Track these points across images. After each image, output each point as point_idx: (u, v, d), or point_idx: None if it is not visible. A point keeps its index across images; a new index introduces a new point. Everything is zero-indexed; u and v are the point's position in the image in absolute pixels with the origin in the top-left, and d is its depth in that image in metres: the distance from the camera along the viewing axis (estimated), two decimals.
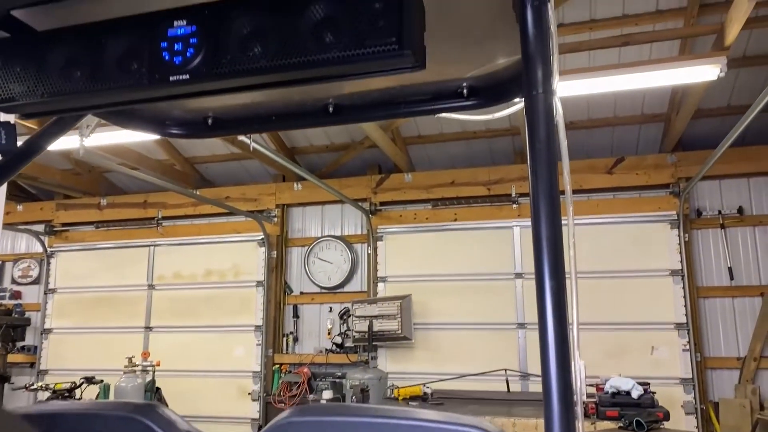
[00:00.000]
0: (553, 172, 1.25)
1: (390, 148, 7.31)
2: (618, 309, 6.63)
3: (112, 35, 1.30)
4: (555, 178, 1.24)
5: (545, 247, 1.17)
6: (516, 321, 7.00)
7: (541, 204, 1.20)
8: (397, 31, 1.11)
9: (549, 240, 1.17)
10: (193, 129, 2.12)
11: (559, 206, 1.19)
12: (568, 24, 5.77)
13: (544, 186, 1.23)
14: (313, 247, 8.01)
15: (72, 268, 8.93)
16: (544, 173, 1.23)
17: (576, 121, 7.05)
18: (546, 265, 1.15)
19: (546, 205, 1.21)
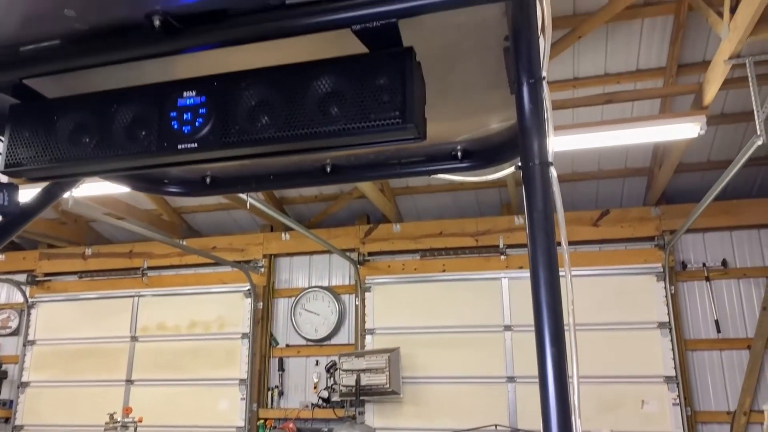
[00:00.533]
0: (551, 239, 1.28)
1: (379, 199, 7.37)
2: (607, 362, 6.61)
3: (121, 103, 1.34)
4: (553, 245, 1.28)
5: (545, 315, 1.19)
6: (505, 374, 6.93)
7: (540, 271, 1.23)
8: (401, 105, 1.16)
9: (549, 306, 1.19)
10: (192, 188, 2.14)
11: (557, 274, 1.22)
12: (552, 81, 5.96)
13: (543, 253, 1.27)
14: (300, 298, 7.94)
15: (53, 319, 8.75)
16: (542, 241, 1.26)
17: (561, 175, 7.13)
18: (546, 332, 1.17)
19: (545, 272, 1.24)
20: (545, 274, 1.28)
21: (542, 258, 1.28)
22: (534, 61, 1.21)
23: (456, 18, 1.28)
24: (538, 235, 1.27)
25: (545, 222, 1.27)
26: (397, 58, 1.17)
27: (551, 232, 1.29)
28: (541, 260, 1.28)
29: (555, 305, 1.20)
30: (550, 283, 1.27)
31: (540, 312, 1.19)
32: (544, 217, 1.25)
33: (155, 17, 1.19)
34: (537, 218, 1.24)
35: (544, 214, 1.24)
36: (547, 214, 1.25)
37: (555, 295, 1.21)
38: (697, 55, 5.61)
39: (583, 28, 5.12)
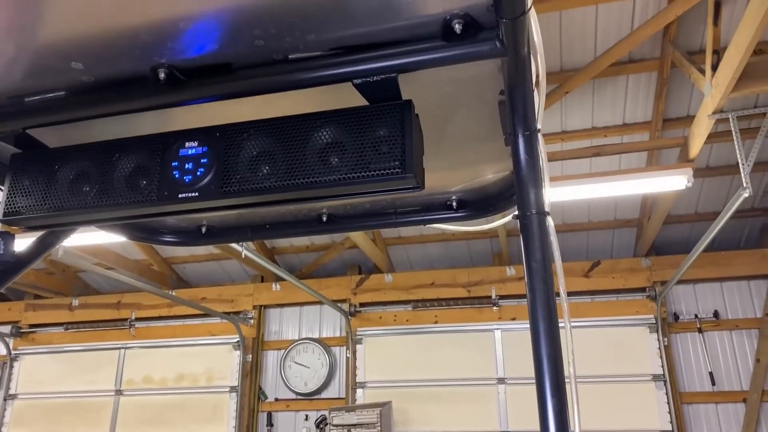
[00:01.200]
0: (550, 289, 1.29)
1: (370, 249, 7.36)
2: (602, 416, 6.50)
3: (123, 153, 1.35)
4: (552, 295, 1.28)
5: (546, 366, 1.19)
6: (500, 429, 6.79)
7: (540, 322, 1.23)
8: (401, 156, 1.18)
9: (549, 357, 1.18)
10: (188, 237, 2.14)
11: (557, 324, 1.22)
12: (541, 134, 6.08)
13: (543, 304, 1.27)
14: (290, 351, 7.82)
15: (36, 373, 8.53)
16: (541, 291, 1.26)
17: None
18: (547, 383, 1.16)
19: (545, 323, 1.24)
20: (545, 325, 1.28)
21: (542, 308, 1.28)
22: (529, 113, 1.25)
23: (453, 72, 1.32)
24: (537, 286, 1.28)
25: (544, 272, 1.28)
26: (396, 110, 1.20)
27: (550, 282, 1.30)
28: (541, 311, 1.28)
29: (555, 356, 1.19)
30: (550, 333, 1.27)
31: (540, 363, 1.18)
32: (543, 267, 1.26)
33: (161, 70, 1.22)
34: (536, 268, 1.25)
35: (542, 264, 1.25)
36: (546, 263, 1.26)
37: (555, 345, 1.20)
38: (681, 109, 5.77)
39: (570, 83, 5.27)
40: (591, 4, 4.91)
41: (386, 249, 7.87)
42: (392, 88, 1.21)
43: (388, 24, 1.15)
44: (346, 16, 1.13)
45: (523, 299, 7.23)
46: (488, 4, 1.09)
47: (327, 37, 1.18)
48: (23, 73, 1.24)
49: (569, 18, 5.05)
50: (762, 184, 6.51)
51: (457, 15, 1.13)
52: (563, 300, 1.68)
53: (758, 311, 6.63)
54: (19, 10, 1.06)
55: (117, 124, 1.37)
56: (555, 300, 1.31)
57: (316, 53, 1.21)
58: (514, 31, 1.07)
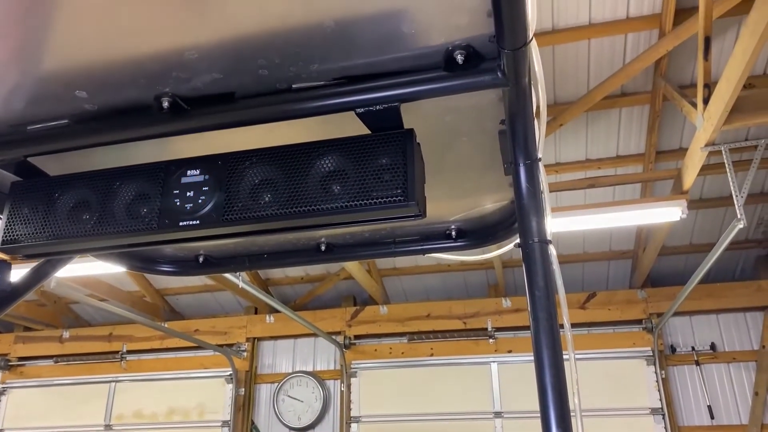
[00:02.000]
0: (554, 318, 1.28)
1: (365, 280, 7.33)
2: None
3: (124, 181, 1.35)
4: (555, 324, 1.27)
5: (550, 396, 1.17)
6: None
7: (544, 352, 1.21)
8: (402, 184, 1.18)
9: (554, 388, 1.17)
10: (185, 267, 2.13)
11: (561, 353, 1.21)
12: None
13: (546, 333, 1.26)
14: (284, 384, 7.69)
15: (24, 407, 8.35)
16: (545, 321, 1.26)
17: None
18: (552, 415, 1.15)
19: (549, 352, 1.23)
20: (549, 354, 1.27)
21: (545, 338, 1.27)
22: (530, 143, 1.26)
23: (454, 102, 1.34)
24: (540, 315, 1.27)
25: (547, 300, 1.27)
26: (398, 139, 1.21)
27: (553, 310, 1.29)
28: (545, 340, 1.27)
29: (560, 386, 1.18)
30: (554, 363, 1.25)
31: (545, 393, 1.16)
32: (546, 295, 1.26)
33: (164, 99, 1.22)
34: (539, 297, 1.24)
35: (545, 292, 1.25)
36: (549, 292, 1.25)
37: (559, 375, 1.19)
38: (673, 142, 5.84)
39: (565, 116, 5.34)
40: (584, 38, 5.01)
41: (381, 280, 7.83)
42: (394, 117, 1.22)
43: (391, 54, 1.16)
44: (349, 46, 1.14)
45: (519, 331, 7.18)
46: (490, 36, 1.11)
47: (330, 67, 1.20)
48: (26, 101, 1.24)
49: (562, 52, 5.14)
50: (756, 216, 6.56)
51: (459, 46, 1.15)
52: (567, 331, 1.67)
53: (755, 343, 6.61)
54: (24, 37, 1.07)
55: (120, 153, 1.37)
56: (558, 329, 1.30)
57: (319, 83, 1.23)
58: (515, 62, 1.09)
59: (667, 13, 4.69)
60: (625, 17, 4.87)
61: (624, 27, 4.90)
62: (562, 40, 5.00)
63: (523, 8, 0.96)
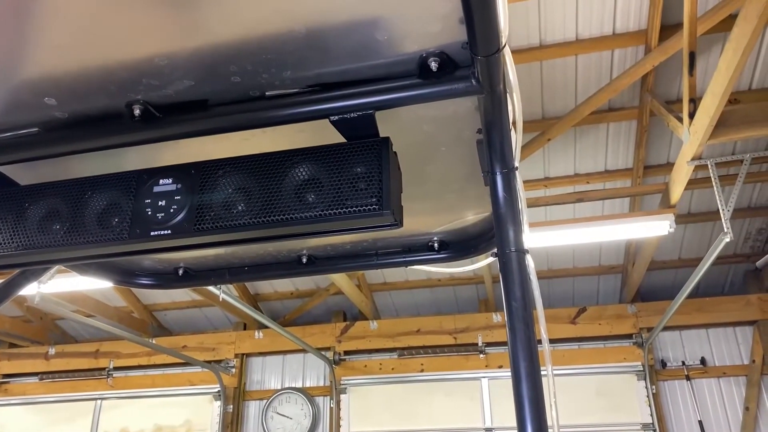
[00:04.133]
0: (531, 329, 1.26)
1: (355, 295, 7.28)
2: None
3: (96, 190, 1.33)
4: (532, 334, 1.25)
5: (527, 406, 1.15)
6: None
7: (521, 363, 1.19)
8: (377, 193, 1.17)
9: (531, 400, 1.15)
10: (164, 280, 2.09)
11: (538, 364, 1.19)
12: (525, 181, 6.14)
13: (523, 344, 1.24)
14: (272, 401, 7.60)
15: (8, 425, 8.20)
16: (522, 331, 1.24)
17: (537, 272, 7.21)
18: (529, 427, 1.12)
19: (526, 364, 1.21)
20: (526, 365, 1.25)
21: (522, 349, 1.25)
22: (507, 151, 1.25)
23: (431, 111, 1.33)
24: (517, 325, 1.25)
25: (524, 311, 1.25)
26: (374, 147, 1.20)
27: (530, 321, 1.27)
28: (522, 351, 1.25)
29: (537, 398, 1.15)
30: (531, 374, 1.23)
31: (522, 407, 1.14)
32: (523, 306, 1.24)
33: (136, 106, 1.21)
34: (516, 307, 1.23)
35: (522, 302, 1.23)
36: (526, 302, 1.24)
37: (537, 387, 1.17)
38: (661, 157, 5.87)
39: (553, 131, 5.36)
40: (571, 54, 5.05)
41: (371, 295, 7.79)
42: (370, 126, 1.21)
43: (365, 62, 1.15)
44: (322, 53, 1.13)
45: None
46: (463, 43, 1.11)
47: (304, 75, 1.19)
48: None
49: (550, 67, 5.18)
50: (743, 230, 6.58)
51: (433, 53, 1.14)
52: (545, 345, 1.64)
53: (745, 358, 6.60)
54: None
55: (93, 162, 1.35)
56: (536, 340, 1.28)
57: (293, 90, 1.21)
58: (489, 69, 1.08)
59: (653, 29, 4.74)
60: (611, 33, 4.92)
61: (611, 43, 4.95)
62: (549, 55, 5.04)
63: (494, 14, 0.96)
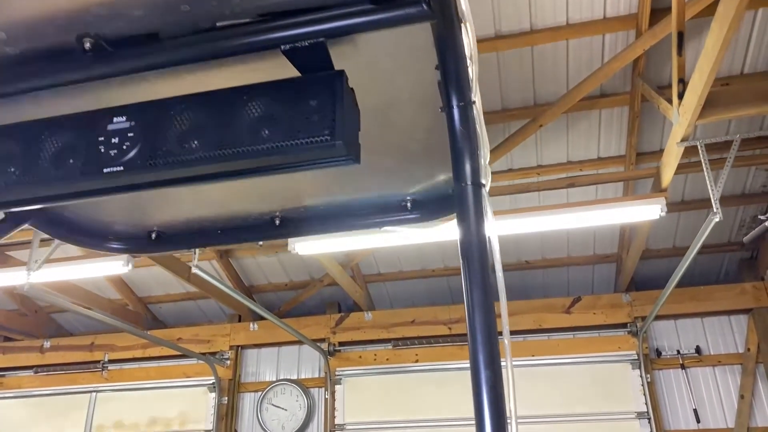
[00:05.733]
0: (486, 271, 1.23)
1: (350, 286, 7.27)
2: None
3: (50, 132, 1.32)
4: (488, 277, 1.22)
5: (483, 380, 1.08)
6: None
7: (475, 310, 1.16)
8: (330, 124, 1.15)
9: (487, 365, 1.09)
10: (136, 244, 2.08)
11: (493, 314, 1.15)
12: (517, 169, 6.13)
13: (478, 284, 1.21)
14: (267, 392, 7.58)
15: (4, 419, 8.19)
16: (476, 269, 1.21)
17: (532, 261, 7.22)
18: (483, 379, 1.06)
19: (480, 310, 1.17)
20: (481, 314, 1.20)
21: (477, 292, 1.21)
22: (463, 83, 1.23)
23: (388, 46, 1.31)
24: (473, 266, 1.21)
25: (480, 252, 1.22)
26: (326, 80, 1.18)
27: (486, 262, 1.23)
28: (476, 295, 1.21)
29: (494, 367, 1.08)
30: (488, 332, 1.17)
31: (478, 380, 1.07)
32: (478, 244, 1.21)
33: (86, 39, 1.19)
34: (470, 244, 1.20)
35: (477, 238, 1.20)
36: (480, 239, 1.21)
37: (493, 352, 1.10)
38: (654, 143, 5.84)
39: (544, 117, 5.34)
40: (562, 39, 5.03)
41: (366, 286, 7.77)
42: (323, 58, 1.20)
43: None
44: None
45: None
46: None
47: (254, 4, 1.17)
48: None
49: (541, 53, 5.16)
50: (737, 218, 6.55)
51: None
52: (504, 321, 1.44)
53: (740, 346, 6.56)
54: None
55: (47, 103, 1.34)
56: (491, 286, 1.23)
57: (244, 20, 1.20)
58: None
59: (643, 12, 4.72)
60: (602, 17, 4.89)
61: (601, 27, 4.92)
62: (540, 40, 5.01)
63: None
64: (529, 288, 7.47)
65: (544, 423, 6.54)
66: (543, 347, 6.90)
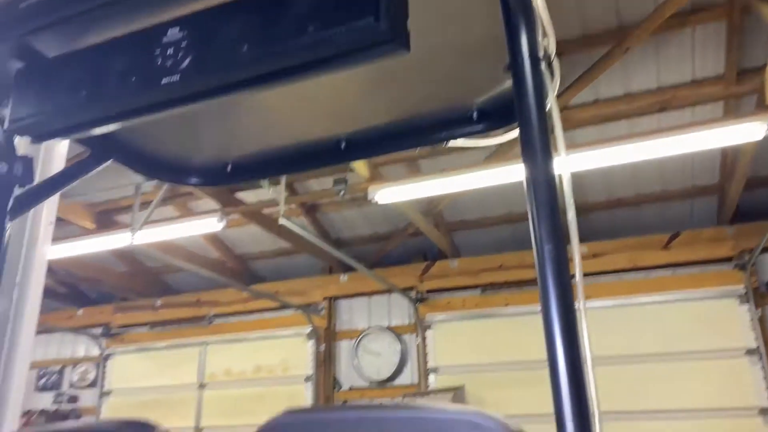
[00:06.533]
0: (549, 156, 1.17)
1: (434, 235, 7.27)
2: (691, 394, 6.06)
3: (113, 53, 1.38)
4: (550, 166, 1.16)
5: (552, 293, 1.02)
6: None
7: (538, 202, 1.10)
8: (375, 10, 1.12)
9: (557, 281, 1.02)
10: (214, 177, 2.16)
11: (560, 231, 1.09)
12: (603, 99, 5.80)
13: (543, 175, 1.16)
14: (361, 339, 7.83)
15: (127, 370, 9.01)
16: (541, 158, 1.15)
17: (624, 198, 6.89)
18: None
19: (543, 200, 1.12)
20: (546, 211, 1.14)
21: (544, 183, 1.16)
22: None
23: None
24: (536, 150, 1.16)
25: (544, 135, 1.16)
26: None
27: (548, 150, 1.17)
28: (543, 188, 1.15)
29: (563, 278, 1.02)
30: (556, 246, 1.10)
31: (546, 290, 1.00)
32: (541, 126, 1.15)
33: None
34: (533, 128, 1.13)
35: (540, 120, 1.14)
36: (542, 121, 1.14)
37: (560, 258, 1.04)
38: (758, 57, 5.32)
39: (630, 40, 4.99)
40: None
41: (450, 234, 7.74)
42: None
43: None
44: None
45: (597, 276, 6.89)
46: None
47: None
48: None
49: None
50: None
51: None
52: (573, 235, 1.24)
53: None
54: None
55: (110, 25, 1.40)
56: (554, 176, 1.17)
57: None
58: None
59: None
60: None
61: None
62: None
63: None
64: (622, 226, 7.15)
65: (642, 363, 6.32)
66: (639, 286, 6.62)
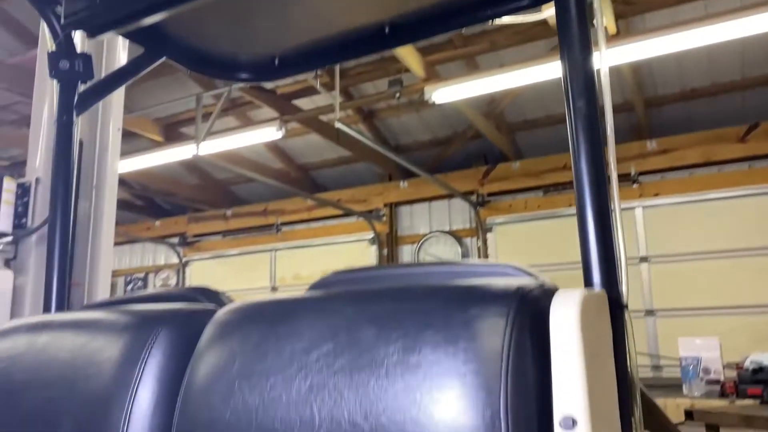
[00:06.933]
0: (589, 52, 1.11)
1: (495, 137, 7.15)
2: (764, 291, 5.93)
3: None
4: (590, 60, 1.11)
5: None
6: (643, 308, 6.50)
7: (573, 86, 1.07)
8: None
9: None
10: (262, 72, 2.19)
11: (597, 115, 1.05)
12: None
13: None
14: (423, 243, 7.99)
15: (204, 276, 9.63)
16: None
17: (698, 89, 6.48)
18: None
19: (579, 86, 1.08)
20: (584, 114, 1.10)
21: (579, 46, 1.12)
22: None
23: None
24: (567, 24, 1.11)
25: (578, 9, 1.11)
26: None
27: (588, 42, 1.12)
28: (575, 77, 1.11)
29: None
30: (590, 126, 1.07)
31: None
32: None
33: None
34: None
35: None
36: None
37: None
38: None
39: None
40: None
41: (512, 135, 7.59)
42: None
43: None
44: None
45: (667, 172, 6.65)
46: None
47: None
48: None
49: None
50: None
51: None
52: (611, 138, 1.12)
53: None
54: None
55: None
56: (594, 71, 1.13)
57: None
58: None
59: None
60: None
61: None
62: None
63: None
64: (694, 119, 6.78)
65: (717, 259, 6.18)
66: (713, 181, 6.35)
